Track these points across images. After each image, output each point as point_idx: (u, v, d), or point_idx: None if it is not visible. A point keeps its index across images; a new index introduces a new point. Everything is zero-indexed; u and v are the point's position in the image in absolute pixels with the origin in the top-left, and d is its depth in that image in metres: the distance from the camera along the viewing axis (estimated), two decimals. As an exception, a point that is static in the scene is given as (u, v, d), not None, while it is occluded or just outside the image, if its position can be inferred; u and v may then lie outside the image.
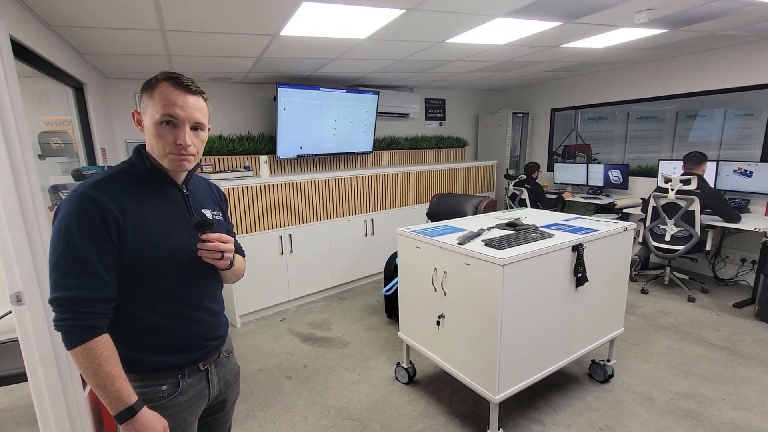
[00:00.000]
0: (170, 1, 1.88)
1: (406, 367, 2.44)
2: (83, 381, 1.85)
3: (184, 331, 1.01)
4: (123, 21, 2.12)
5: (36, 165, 1.63)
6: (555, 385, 2.35)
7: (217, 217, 1.11)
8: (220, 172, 3.65)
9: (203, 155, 3.79)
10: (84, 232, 0.86)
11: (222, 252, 1.00)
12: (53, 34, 2.19)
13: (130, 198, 0.92)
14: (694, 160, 3.42)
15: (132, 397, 0.89)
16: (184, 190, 1.03)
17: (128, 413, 0.88)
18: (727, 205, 3.30)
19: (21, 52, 1.74)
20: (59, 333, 0.86)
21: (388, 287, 3.20)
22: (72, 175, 2.34)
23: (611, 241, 2.17)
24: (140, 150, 0.99)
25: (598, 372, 2.39)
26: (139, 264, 0.92)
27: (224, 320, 1.14)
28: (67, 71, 2.33)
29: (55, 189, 2.32)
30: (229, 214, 1.22)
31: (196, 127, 0.97)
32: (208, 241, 0.98)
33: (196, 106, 0.95)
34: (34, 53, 1.87)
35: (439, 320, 2.06)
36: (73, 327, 0.85)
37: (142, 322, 0.96)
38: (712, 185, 3.60)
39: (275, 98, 3.75)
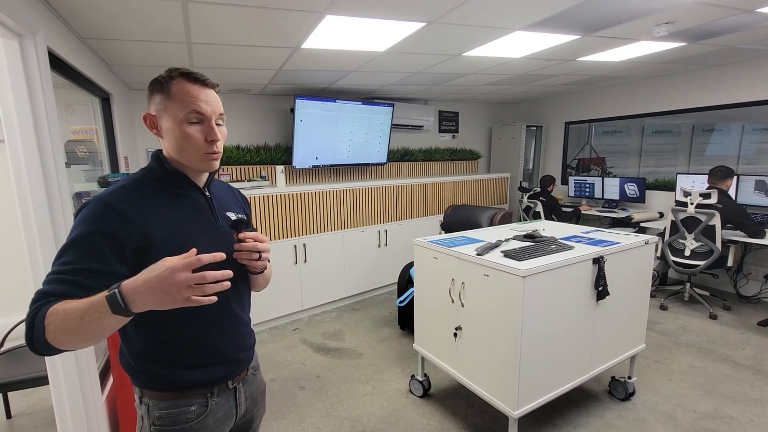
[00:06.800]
0: (198, 15, 1.94)
1: (420, 379, 2.41)
2: (101, 384, 1.87)
3: (215, 343, 0.97)
4: (152, 34, 2.19)
5: (65, 172, 1.68)
6: (574, 402, 2.29)
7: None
8: (237, 181, 3.70)
9: (220, 164, 3.85)
10: (98, 238, 0.81)
11: (260, 252, 0.95)
12: (84, 46, 2.27)
13: (154, 206, 0.88)
14: (718, 175, 3.38)
15: (103, 293, 0.71)
16: (207, 193, 0.99)
17: (115, 300, 0.69)
18: (750, 219, 3.23)
19: (56, 63, 1.81)
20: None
21: (401, 298, 3.18)
22: (98, 182, 2.40)
23: (632, 254, 2.14)
24: (159, 155, 0.95)
25: (618, 389, 2.33)
26: None
27: (252, 331, 1.11)
28: (96, 82, 2.41)
29: (78, 196, 2.38)
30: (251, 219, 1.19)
31: (219, 122, 0.93)
32: (245, 241, 0.94)
33: (216, 99, 0.93)
34: (67, 64, 1.95)
35: (456, 332, 2.04)
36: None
37: (174, 336, 0.92)
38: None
39: (292, 110, 3.81)
